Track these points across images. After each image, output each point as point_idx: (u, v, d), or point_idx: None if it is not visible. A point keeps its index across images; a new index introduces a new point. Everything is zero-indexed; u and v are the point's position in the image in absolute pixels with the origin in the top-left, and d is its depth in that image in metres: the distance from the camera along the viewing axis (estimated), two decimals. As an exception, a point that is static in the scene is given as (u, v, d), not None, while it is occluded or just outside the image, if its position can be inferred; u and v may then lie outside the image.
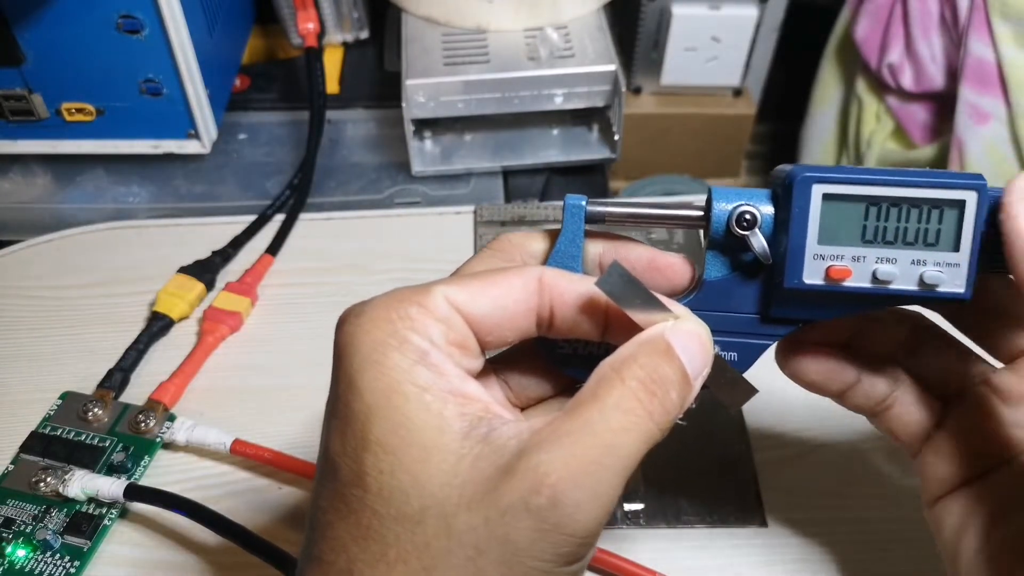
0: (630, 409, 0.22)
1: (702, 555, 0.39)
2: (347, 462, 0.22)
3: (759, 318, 0.27)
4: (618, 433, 0.22)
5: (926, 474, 0.30)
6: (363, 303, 0.24)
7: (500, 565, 0.21)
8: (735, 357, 0.28)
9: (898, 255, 0.25)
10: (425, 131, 0.63)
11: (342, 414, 0.23)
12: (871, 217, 0.25)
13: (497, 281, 0.24)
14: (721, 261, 0.27)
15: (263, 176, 0.62)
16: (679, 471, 0.42)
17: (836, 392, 0.30)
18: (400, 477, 0.21)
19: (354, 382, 0.22)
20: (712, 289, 0.27)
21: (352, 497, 0.22)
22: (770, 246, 0.26)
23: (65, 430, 0.43)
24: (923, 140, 0.92)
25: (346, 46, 0.72)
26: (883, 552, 0.39)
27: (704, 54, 0.94)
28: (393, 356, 0.22)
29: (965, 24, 0.82)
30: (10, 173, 0.62)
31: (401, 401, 0.22)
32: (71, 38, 0.53)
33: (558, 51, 0.60)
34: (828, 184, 0.25)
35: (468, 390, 0.23)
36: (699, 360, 0.24)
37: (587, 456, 0.21)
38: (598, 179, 0.66)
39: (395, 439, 0.22)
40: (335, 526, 0.22)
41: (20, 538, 0.39)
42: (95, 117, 0.57)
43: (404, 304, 0.23)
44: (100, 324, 0.49)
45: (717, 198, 0.26)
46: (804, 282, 0.26)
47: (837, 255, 0.25)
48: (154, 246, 0.54)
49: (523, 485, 0.21)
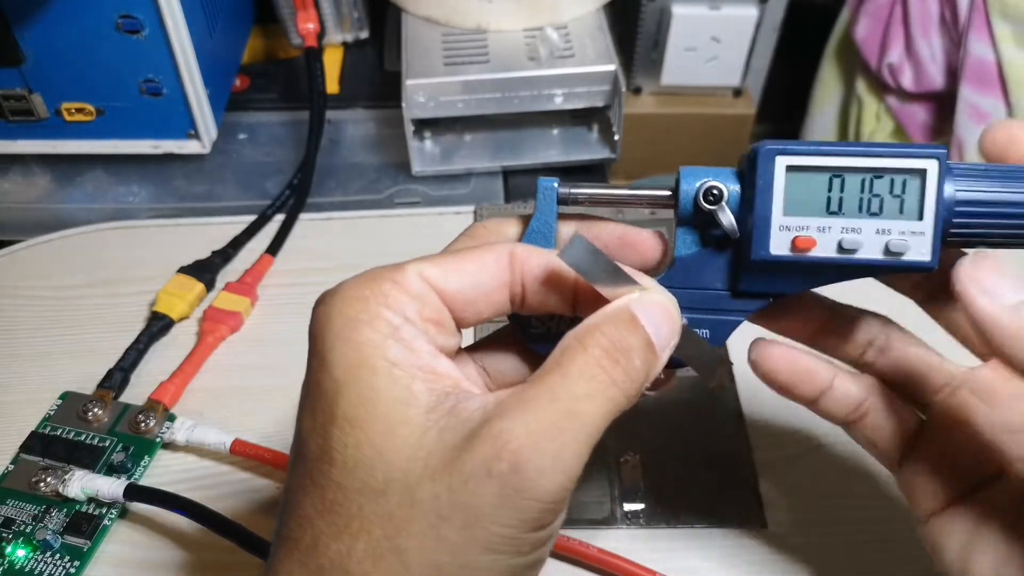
0: (593, 376, 0.22)
1: (702, 555, 0.39)
2: (315, 438, 0.22)
3: (730, 293, 0.28)
4: (581, 400, 0.22)
5: (914, 488, 0.29)
6: (339, 284, 0.24)
7: (462, 531, 0.21)
8: (707, 334, 0.28)
9: (863, 224, 0.25)
10: (425, 131, 0.63)
11: (312, 392, 0.23)
12: (835, 188, 0.25)
13: (470, 257, 0.25)
14: (691, 238, 0.27)
15: (263, 176, 0.62)
16: (679, 471, 0.42)
17: (809, 396, 0.30)
18: (365, 450, 0.22)
19: (325, 359, 0.23)
20: (683, 266, 0.27)
21: (318, 472, 0.22)
22: (737, 223, 0.26)
23: (65, 430, 0.43)
24: (923, 140, 0.92)
25: (346, 46, 0.72)
26: (883, 552, 0.39)
27: (704, 54, 0.94)
28: (364, 331, 0.22)
29: (965, 24, 0.82)
30: (10, 173, 0.62)
31: (369, 375, 0.22)
32: (71, 38, 0.53)
33: (558, 51, 0.60)
34: (792, 156, 0.25)
35: (439, 367, 0.23)
36: (665, 330, 0.24)
37: (549, 421, 0.21)
38: (598, 179, 0.66)
39: (362, 412, 0.22)
40: (302, 503, 0.22)
41: (20, 538, 0.39)
42: (95, 117, 0.57)
43: (378, 281, 0.23)
44: (100, 324, 0.49)
45: (685, 176, 0.27)
46: (771, 253, 0.26)
47: (803, 226, 0.26)
48: (154, 246, 0.54)
49: (485, 451, 0.21)
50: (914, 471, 0.29)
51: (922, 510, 0.29)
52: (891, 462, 0.30)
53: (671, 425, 0.44)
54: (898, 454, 0.30)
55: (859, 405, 0.30)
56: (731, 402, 0.45)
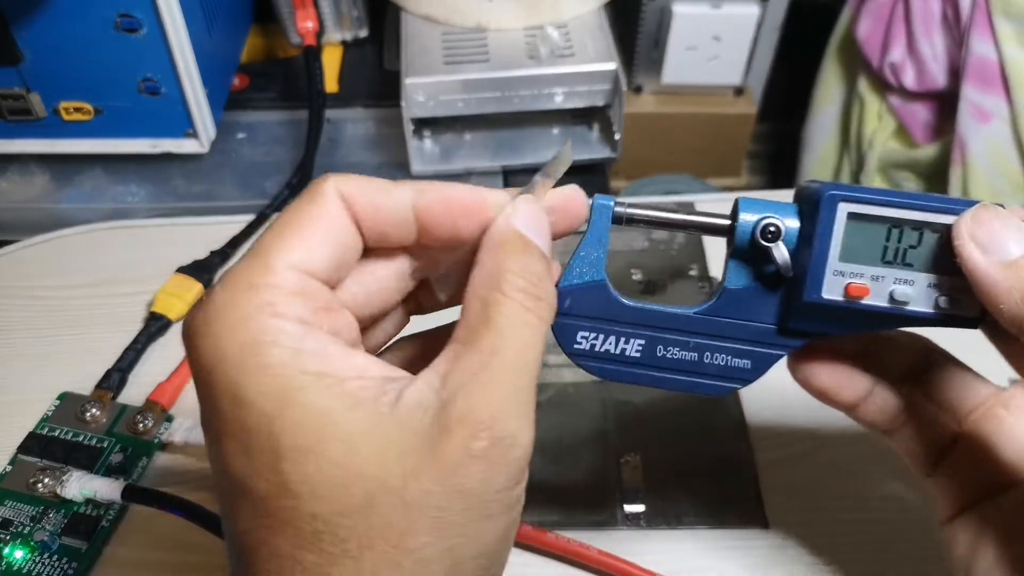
0: (526, 323, 0.22)
1: (703, 557, 0.39)
2: (261, 477, 0.21)
3: (776, 329, 0.28)
4: (523, 351, 0.22)
5: (940, 494, 0.30)
6: (203, 307, 0.22)
7: (464, 512, 0.21)
8: (748, 364, 0.28)
9: (916, 277, 0.26)
10: (425, 130, 0.63)
11: (233, 431, 0.21)
12: (892, 239, 0.26)
13: (310, 222, 0.23)
14: (743, 270, 0.27)
15: (262, 176, 0.62)
16: (680, 472, 0.42)
17: (848, 403, 0.30)
18: (330, 472, 0.20)
19: (239, 395, 0.21)
20: (732, 297, 0.27)
21: (281, 509, 0.20)
22: (792, 260, 0.26)
23: (63, 431, 0.43)
24: (925, 139, 0.92)
25: (345, 45, 0.72)
26: (884, 553, 0.39)
27: (705, 53, 0.94)
28: (272, 353, 0.21)
29: (967, 23, 0.81)
30: (8, 172, 0.62)
31: (300, 397, 0.21)
32: (69, 37, 0.53)
33: (558, 50, 0.60)
34: (854, 203, 0.25)
35: (357, 360, 0.22)
36: (546, 235, 0.24)
37: (506, 384, 0.21)
38: (598, 178, 0.65)
39: (310, 437, 0.20)
40: (272, 543, 0.21)
41: (18, 539, 0.38)
42: (93, 116, 0.57)
43: (252, 291, 0.21)
44: (98, 324, 0.49)
45: (744, 208, 0.27)
46: (823, 297, 0.26)
47: (857, 273, 0.26)
48: (152, 246, 0.54)
49: (460, 437, 0.21)
50: (943, 479, 0.30)
51: (945, 513, 0.30)
52: (924, 470, 0.30)
53: (672, 426, 0.44)
54: (932, 463, 0.30)
55: (898, 415, 0.30)
56: (732, 403, 0.45)
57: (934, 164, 0.91)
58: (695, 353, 0.28)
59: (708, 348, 0.28)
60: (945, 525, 0.30)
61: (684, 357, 0.28)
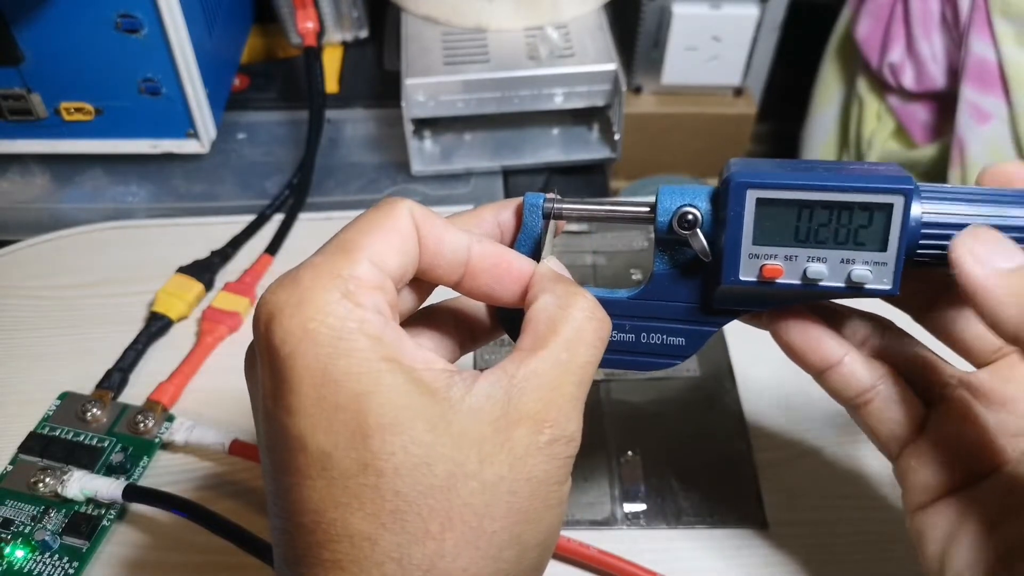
0: (591, 343, 0.25)
1: (703, 556, 0.39)
2: (345, 455, 0.22)
3: (702, 308, 0.29)
4: (586, 365, 0.25)
5: (909, 481, 0.29)
6: (286, 290, 0.23)
7: (531, 499, 0.23)
8: (683, 342, 0.29)
9: (828, 254, 0.26)
10: (425, 130, 0.63)
11: (314, 410, 0.22)
12: (803, 219, 0.26)
13: (387, 230, 0.25)
14: (668, 255, 0.29)
15: (262, 176, 0.62)
16: (679, 472, 0.42)
17: (817, 366, 0.30)
18: (414, 452, 0.22)
19: (329, 374, 0.22)
20: (660, 281, 0.29)
21: (364, 487, 0.21)
22: (710, 244, 0.27)
23: (64, 430, 0.43)
24: (924, 140, 0.92)
25: (345, 45, 0.72)
26: (883, 552, 0.39)
27: (705, 53, 0.94)
28: (358, 338, 0.22)
29: (966, 23, 0.81)
30: (8, 173, 0.62)
31: (386, 379, 0.22)
32: (70, 37, 0.53)
33: (558, 50, 0.60)
34: (762, 189, 0.26)
35: (425, 354, 0.24)
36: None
37: (568, 390, 0.24)
38: (598, 179, 0.65)
39: (397, 416, 0.22)
40: (344, 522, 0.22)
41: (19, 539, 0.38)
42: (94, 116, 0.57)
43: (340, 280, 0.23)
44: (99, 324, 0.49)
45: (663, 197, 0.27)
46: (740, 279, 0.27)
47: (771, 254, 0.27)
48: (153, 246, 0.54)
49: (528, 429, 0.23)
50: (912, 463, 0.29)
51: (913, 503, 0.30)
52: (890, 452, 0.30)
53: (672, 425, 0.44)
54: (899, 445, 0.30)
55: (867, 389, 0.30)
56: (732, 403, 0.45)
57: (933, 164, 0.91)
58: (632, 335, 0.29)
59: (643, 329, 0.29)
60: (916, 515, 0.29)
61: (623, 339, 0.29)
